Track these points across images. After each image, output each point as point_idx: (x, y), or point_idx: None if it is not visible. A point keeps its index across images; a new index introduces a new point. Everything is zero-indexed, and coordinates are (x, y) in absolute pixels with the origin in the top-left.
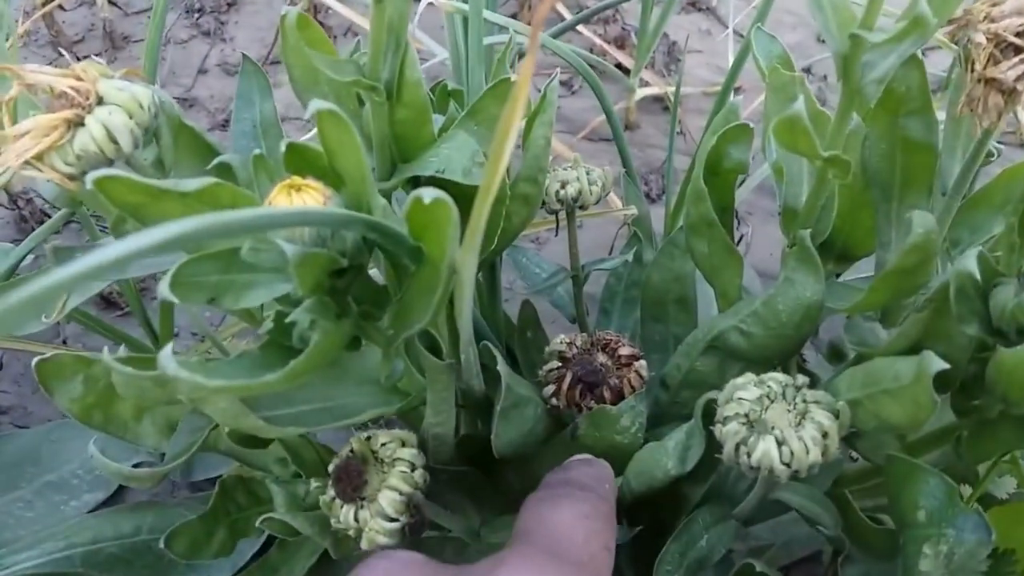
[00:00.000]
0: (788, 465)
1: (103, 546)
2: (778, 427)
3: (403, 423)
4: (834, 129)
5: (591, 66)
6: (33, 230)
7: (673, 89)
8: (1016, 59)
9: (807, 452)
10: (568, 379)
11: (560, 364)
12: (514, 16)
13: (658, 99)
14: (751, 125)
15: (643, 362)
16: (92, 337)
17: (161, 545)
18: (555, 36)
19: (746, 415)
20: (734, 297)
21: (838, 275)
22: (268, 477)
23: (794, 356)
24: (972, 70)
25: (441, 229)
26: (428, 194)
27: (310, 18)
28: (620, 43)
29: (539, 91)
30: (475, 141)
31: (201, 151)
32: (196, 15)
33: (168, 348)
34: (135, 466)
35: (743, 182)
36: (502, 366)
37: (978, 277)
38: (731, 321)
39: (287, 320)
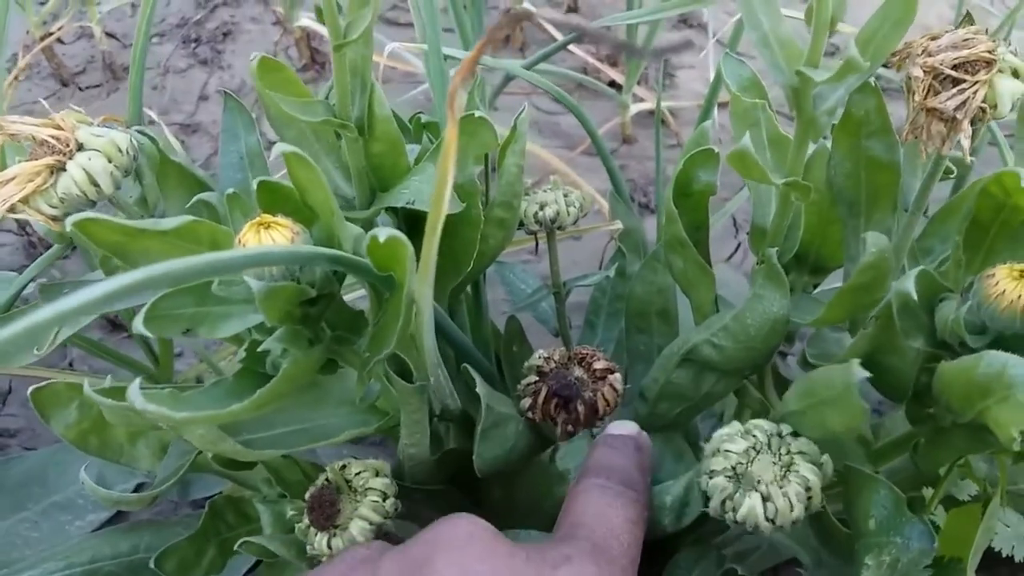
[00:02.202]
0: (772, 521)
1: (102, 565)
2: (763, 482)
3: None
4: (793, 156)
5: (581, 84)
6: (41, 255)
7: (667, 104)
8: (954, 90)
9: (791, 509)
10: (543, 393)
11: (537, 378)
12: (507, 39)
13: (653, 113)
14: (716, 150)
15: (618, 375)
16: (98, 360)
17: (151, 564)
18: (546, 57)
19: (733, 468)
20: (708, 311)
21: (815, 286)
22: (256, 497)
23: (765, 367)
24: (914, 100)
25: (400, 263)
26: (383, 233)
27: (279, 62)
28: (612, 61)
29: (536, 109)
30: None
31: (189, 184)
32: (193, 45)
33: (136, 383)
34: (137, 487)
35: (740, 189)
36: (481, 387)
37: (915, 298)
38: (704, 335)
39: (259, 349)
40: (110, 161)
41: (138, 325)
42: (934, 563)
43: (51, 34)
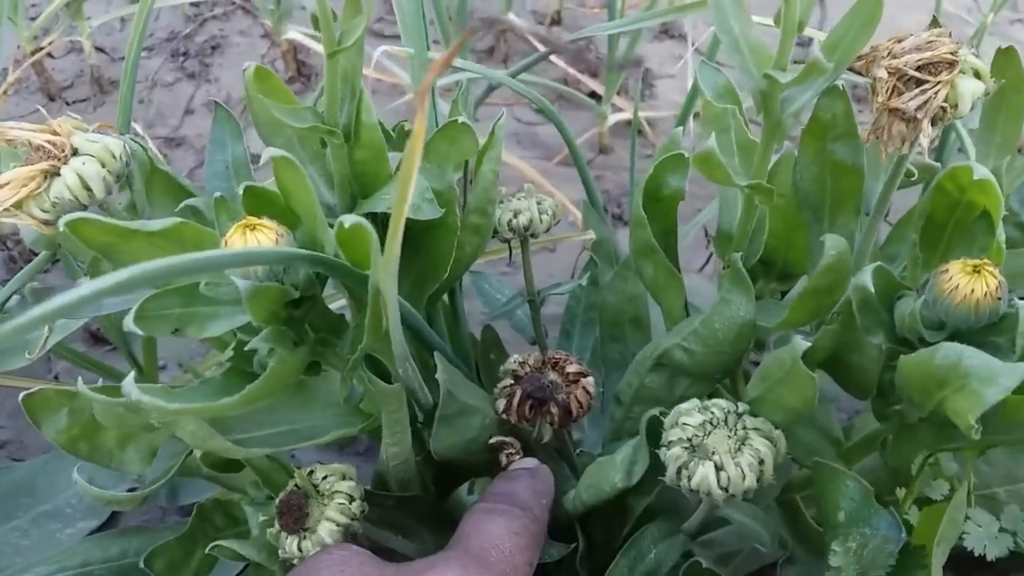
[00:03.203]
0: (725, 489)
1: (92, 569)
2: (718, 453)
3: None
4: (758, 159)
5: (562, 96)
6: (22, 269)
7: (645, 114)
8: (917, 90)
9: (743, 478)
10: (518, 395)
11: (512, 382)
12: (491, 50)
13: (631, 124)
14: (686, 156)
15: (590, 379)
16: (83, 372)
17: (141, 565)
18: (526, 68)
19: (689, 440)
20: (678, 316)
21: (783, 294)
22: (244, 499)
23: (736, 370)
24: (877, 101)
25: (365, 251)
26: (348, 220)
27: (269, 71)
28: (593, 72)
29: (516, 120)
30: (424, 179)
31: (175, 192)
32: (181, 58)
33: (131, 376)
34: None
35: (713, 200)
36: (441, 373)
37: (872, 291)
38: (675, 339)
39: (246, 348)
40: (104, 166)
41: (129, 323)
42: (900, 551)
43: (41, 48)
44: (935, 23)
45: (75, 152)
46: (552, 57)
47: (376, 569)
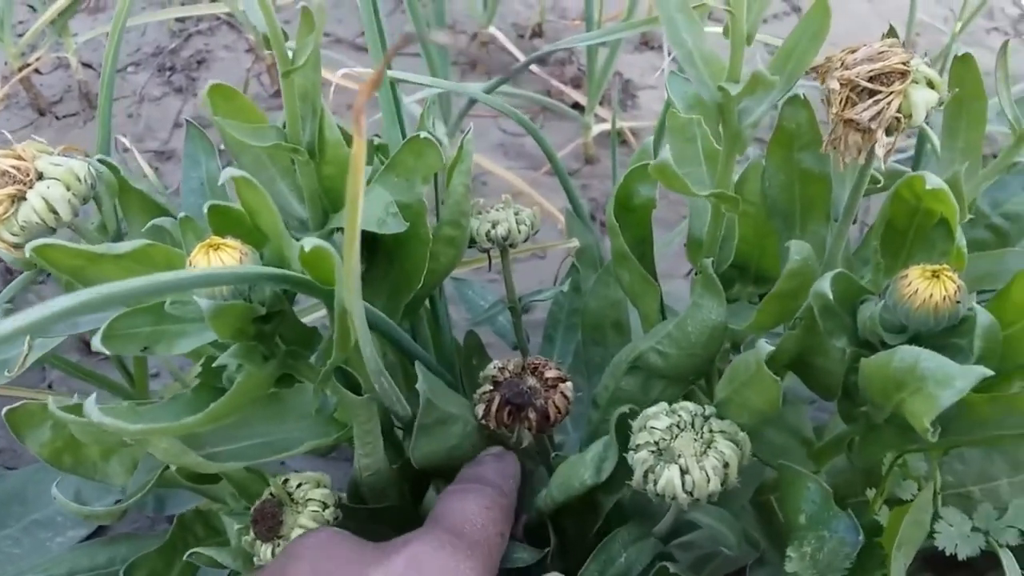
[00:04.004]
0: (690, 493)
1: None
2: (684, 456)
3: None
4: (721, 168)
5: (547, 108)
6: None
7: (628, 124)
8: (870, 101)
9: (708, 481)
10: (497, 401)
11: (491, 387)
12: (474, 63)
13: (616, 133)
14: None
15: (569, 384)
16: (77, 381)
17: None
18: (503, 82)
19: (656, 443)
20: (655, 321)
21: (761, 295)
22: (224, 509)
23: (711, 372)
24: (832, 112)
25: (328, 271)
26: (309, 243)
27: (234, 89)
28: (576, 83)
29: (502, 131)
30: (389, 194)
31: (151, 210)
32: (168, 73)
33: (92, 398)
34: (115, 504)
35: None
36: (421, 383)
37: (831, 298)
38: (650, 343)
39: (214, 364)
40: (68, 189)
41: (96, 343)
42: (859, 553)
43: (29, 65)
44: (892, 32)
45: (40, 176)
46: (535, 69)
47: (356, 548)
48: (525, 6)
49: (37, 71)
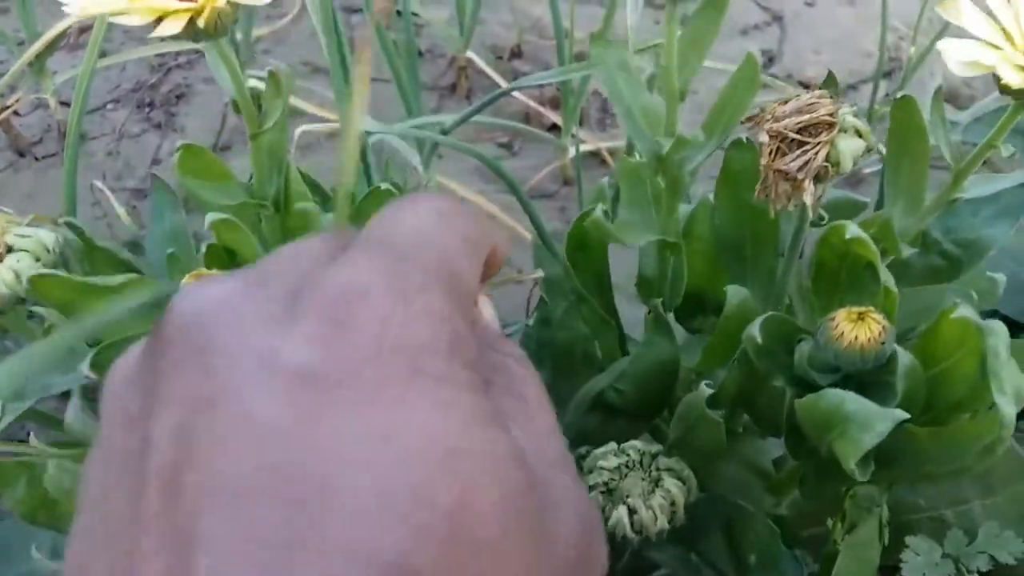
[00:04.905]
0: (639, 532)
1: None
2: (632, 496)
3: None
4: (664, 213)
5: (520, 134)
6: None
7: (607, 144)
8: (798, 152)
9: (655, 520)
10: None
11: None
12: (453, 87)
13: (594, 154)
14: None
15: None
16: (56, 433)
17: None
18: (489, 103)
19: (606, 483)
20: (615, 357)
21: None
22: None
23: (673, 405)
24: (762, 162)
25: None
26: None
27: (202, 148)
28: (555, 103)
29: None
30: None
31: (116, 265)
32: (147, 109)
33: (52, 462)
34: None
35: None
36: None
37: (759, 342)
38: (607, 380)
39: None
40: (38, 260)
41: (84, 369)
42: None
43: (8, 107)
44: (832, 80)
45: (9, 249)
46: (515, 93)
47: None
48: (503, 27)
49: (16, 113)
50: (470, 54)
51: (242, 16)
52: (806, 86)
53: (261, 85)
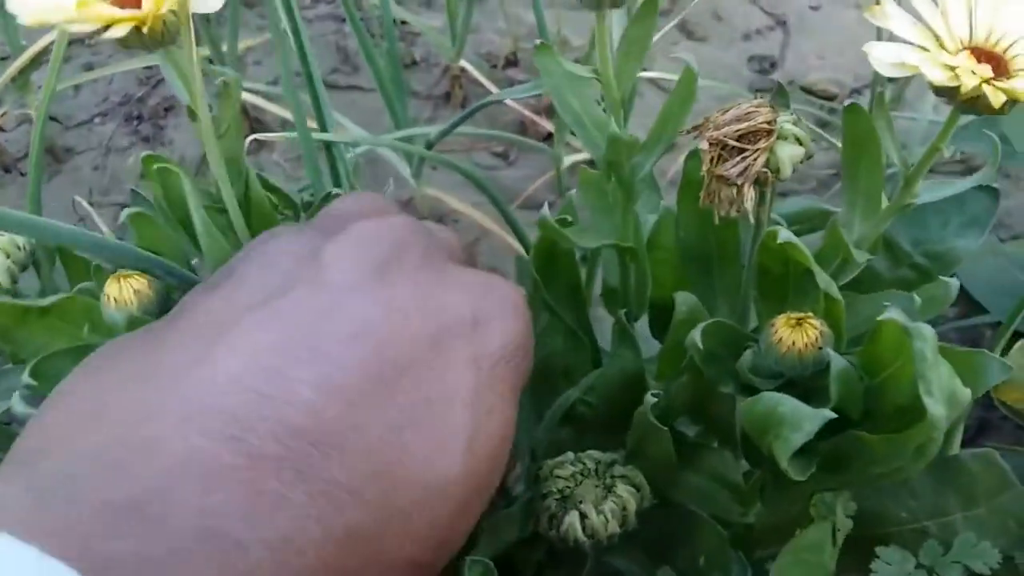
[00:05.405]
0: (591, 536)
1: None
2: (585, 501)
3: None
4: (621, 220)
5: (515, 144)
6: None
7: None
8: (738, 158)
9: (606, 524)
10: None
11: None
12: (447, 95)
13: (590, 163)
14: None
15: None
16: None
17: None
18: (473, 112)
19: (560, 491)
20: (587, 371)
21: None
22: None
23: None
24: (703, 169)
25: None
26: None
27: (161, 156)
28: (551, 113)
29: (475, 164)
30: None
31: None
32: (136, 122)
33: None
34: None
35: None
36: None
37: (701, 348)
38: (577, 394)
39: None
40: (8, 257)
41: (25, 378)
42: None
43: None
44: (781, 90)
45: None
46: (508, 99)
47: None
48: (497, 34)
49: (1, 129)
50: (464, 63)
51: (228, 26)
52: (809, 91)
53: (252, 99)
